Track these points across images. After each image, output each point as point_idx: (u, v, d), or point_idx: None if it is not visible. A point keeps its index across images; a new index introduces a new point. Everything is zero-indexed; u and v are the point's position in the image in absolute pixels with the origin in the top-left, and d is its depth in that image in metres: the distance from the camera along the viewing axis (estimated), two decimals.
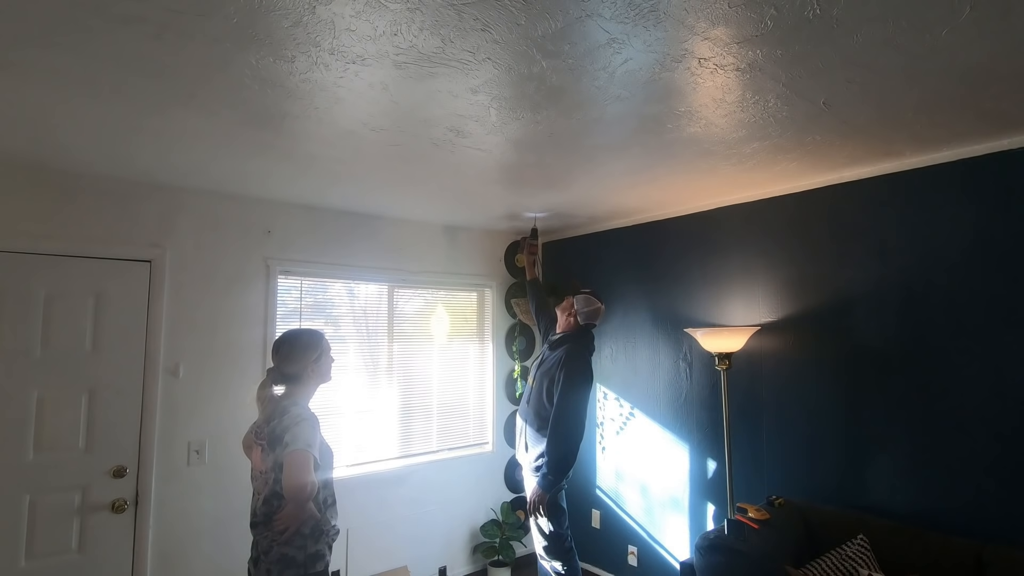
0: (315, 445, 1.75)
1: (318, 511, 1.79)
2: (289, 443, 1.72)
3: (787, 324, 2.90)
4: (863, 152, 2.41)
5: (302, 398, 1.91)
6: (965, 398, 2.31)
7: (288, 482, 1.67)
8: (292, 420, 1.77)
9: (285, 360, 1.90)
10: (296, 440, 1.71)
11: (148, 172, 2.66)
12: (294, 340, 1.95)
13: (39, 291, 2.56)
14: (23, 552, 2.46)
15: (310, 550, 1.77)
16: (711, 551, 2.41)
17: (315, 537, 1.79)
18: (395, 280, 3.73)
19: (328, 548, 1.85)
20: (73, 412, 2.61)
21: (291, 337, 1.97)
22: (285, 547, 1.74)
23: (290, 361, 1.89)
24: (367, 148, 2.33)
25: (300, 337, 1.97)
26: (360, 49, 1.53)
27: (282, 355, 1.91)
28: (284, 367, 1.89)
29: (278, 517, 1.73)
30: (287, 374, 1.89)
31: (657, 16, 1.38)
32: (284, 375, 1.89)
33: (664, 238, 3.56)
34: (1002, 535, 2.17)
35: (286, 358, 1.90)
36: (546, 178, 2.80)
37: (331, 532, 1.87)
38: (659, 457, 3.46)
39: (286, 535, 1.73)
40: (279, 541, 1.74)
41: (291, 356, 1.90)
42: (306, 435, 1.73)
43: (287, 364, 1.89)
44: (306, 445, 1.71)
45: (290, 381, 1.90)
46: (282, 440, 1.74)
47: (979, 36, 1.48)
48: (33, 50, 1.53)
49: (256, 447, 1.89)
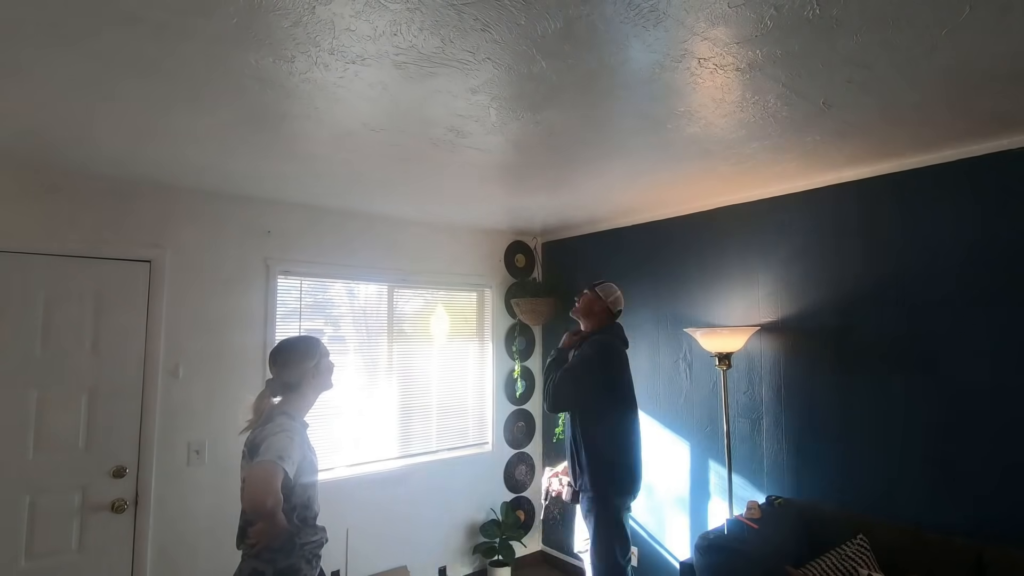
0: (288, 457, 1.64)
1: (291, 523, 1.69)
2: (261, 454, 1.62)
3: (787, 324, 2.90)
4: (863, 152, 2.41)
5: (298, 409, 1.83)
6: (965, 398, 2.31)
7: (248, 495, 1.59)
8: (271, 430, 1.69)
9: (283, 368, 1.84)
10: (267, 451, 1.62)
11: (148, 172, 2.66)
12: (290, 347, 1.89)
13: (39, 291, 2.56)
14: (23, 552, 2.45)
15: (280, 564, 1.68)
16: (711, 551, 2.41)
17: (286, 551, 1.69)
18: (395, 280, 3.73)
19: (306, 561, 1.76)
20: (73, 412, 2.60)
21: (287, 345, 1.91)
22: (254, 561, 1.67)
23: (288, 369, 1.83)
24: (367, 148, 2.33)
25: (296, 344, 1.91)
26: (360, 49, 1.53)
27: (279, 364, 1.85)
28: (282, 375, 1.83)
29: (251, 531, 1.65)
30: (286, 383, 1.83)
31: (657, 16, 1.38)
32: (283, 384, 1.83)
33: (664, 238, 3.56)
34: (1002, 535, 2.17)
35: (284, 366, 1.84)
36: (546, 178, 2.80)
37: (310, 545, 1.76)
38: (659, 457, 3.46)
39: (256, 548, 1.66)
40: (250, 555, 1.68)
41: (288, 364, 1.84)
42: (279, 446, 1.63)
43: (285, 372, 1.83)
44: (276, 457, 1.60)
45: (289, 390, 1.83)
46: (258, 450, 1.66)
47: (979, 36, 1.48)
48: (33, 50, 1.53)
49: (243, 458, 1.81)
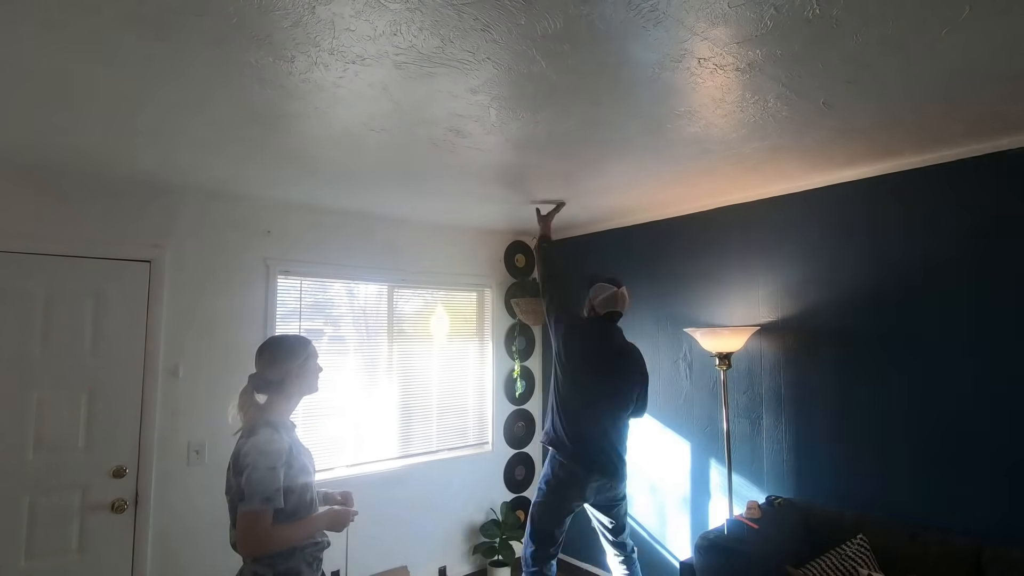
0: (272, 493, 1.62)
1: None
2: (245, 493, 1.61)
3: (786, 324, 2.90)
4: (863, 152, 2.41)
5: (281, 412, 1.82)
6: (965, 397, 2.31)
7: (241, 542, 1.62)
8: (255, 451, 1.66)
9: (267, 365, 1.81)
10: (252, 494, 1.60)
11: (148, 172, 2.66)
12: (277, 344, 1.86)
13: (39, 291, 2.56)
14: (23, 552, 2.45)
15: (279, 568, 1.69)
16: (711, 551, 2.41)
17: (286, 555, 1.70)
18: (395, 280, 3.73)
19: (307, 564, 1.76)
20: (73, 412, 2.60)
21: (274, 341, 1.88)
22: (254, 564, 1.68)
23: (272, 366, 1.80)
24: (367, 148, 2.33)
25: (283, 341, 1.88)
26: (360, 49, 1.53)
27: (264, 360, 1.82)
28: (266, 372, 1.80)
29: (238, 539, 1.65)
30: (268, 380, 1.80)
31: (657, 16, 1.38)
32: (266, 381, 1.80)
33: (664, 238, 3.56)
34: (1002, 535, 2.17)
35: (268, 363, 1.81)
36: (546, 178, 2.80)
37: (311, 548, 1.77)
38: (659, 457, 3.46)
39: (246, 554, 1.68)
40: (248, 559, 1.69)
41: (273, 361, 1.81)
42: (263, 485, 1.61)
43: (269, 369, 1.80)
44: (262, 501, 1.60)
45: (271, 388, 1.80)
46: (240, 475, 1.64)
47: (979, 36, 1.48)
48: (32, 50, 1.53)
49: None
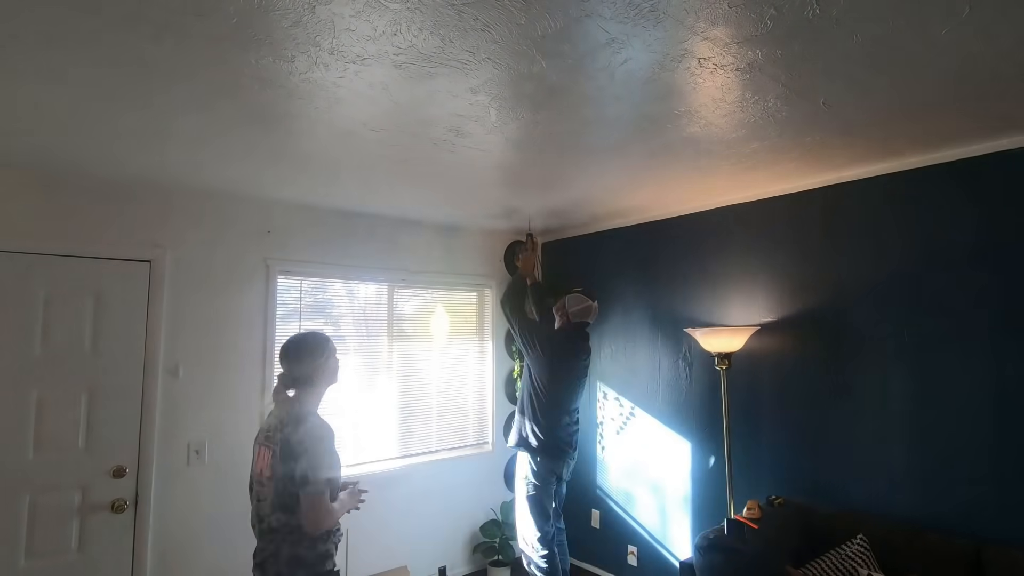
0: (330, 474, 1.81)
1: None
2: (308, 476, 1.76)
3: (787, 324, 2.90)
4: (863, 152, 2.41)
5: (313, 403, 1.97)
6: (965, 398, 2.31)
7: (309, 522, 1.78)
8: (309, 438, 1.82)
9: (295, 363, 1.95)
10: (315, 476, 1.76)
11: (148, 172, 2.66)
12: (301, 342, 2.01)
13: (39, 291, 2.56)
14: (23, 552, 2.46)
15: (319, 549, 1.84)
16: (711, 551, 2.41)
17: (324, 537, 1.85)
18: (395, 280, 3.73)
19: (335, 547, 1.92)
20: (73, 412, 2.61)
21: (298, 340, 2.03)
22: (295, 547, 1.79)
23: (300, 363, 1.95)
24: (367, 148, 2.33)
25: (307, 339, 2.04)
26: (360, 49, 1.53)
27: (291, 359, 1.96)
28: (295, 370, 1.95)
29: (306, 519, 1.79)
30: (297, 376, 1.95)
31: (657, 16, 1.38)
32: (295, 378, 1.95)
33: (664, 238, 3.56)
34: (1002, 535, 2.17)
35: (296, 361, 1.96)
36: (546, 178, 2.80)
37: (337, 533, 1.94)
38: (659, 457, 3.46)
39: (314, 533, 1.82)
40: (289, 541, 1.80)
41: (300, 358, 1.96)
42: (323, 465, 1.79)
43: (297, 366, 1.95)
44: (325, 483, 1.78)
45: (300, 384, 1.95)
46: (298, 459, 1.78)
47: (979, 36, 1.48)
48: (32, 50, 1.53)
49: (264, 450, 1.90)
